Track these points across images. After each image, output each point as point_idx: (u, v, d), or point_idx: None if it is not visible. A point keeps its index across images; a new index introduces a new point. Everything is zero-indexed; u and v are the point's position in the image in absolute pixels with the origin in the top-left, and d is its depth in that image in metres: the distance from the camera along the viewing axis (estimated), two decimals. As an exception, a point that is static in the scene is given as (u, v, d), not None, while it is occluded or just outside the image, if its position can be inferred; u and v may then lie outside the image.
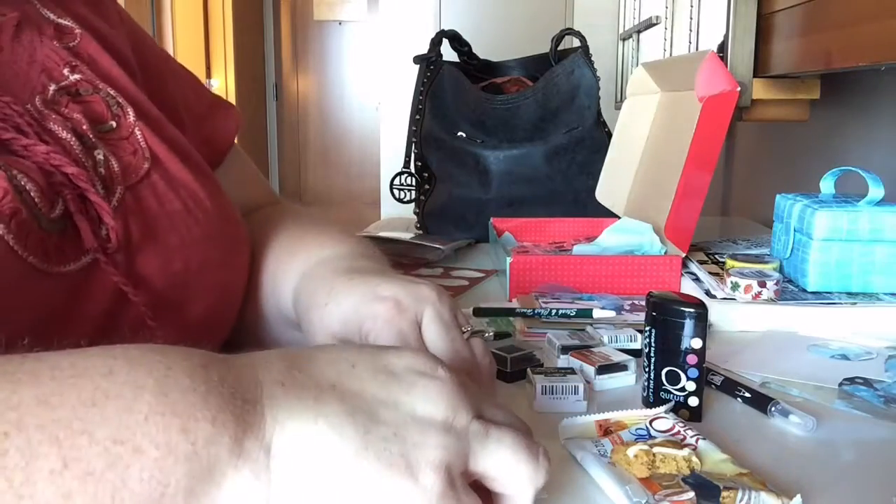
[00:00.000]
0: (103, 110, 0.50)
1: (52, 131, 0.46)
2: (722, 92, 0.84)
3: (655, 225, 0.93)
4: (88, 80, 0.51)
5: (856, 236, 0.77)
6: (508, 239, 1.08)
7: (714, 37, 1.28)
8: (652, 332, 0.53)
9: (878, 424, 0.53)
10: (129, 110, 0.51)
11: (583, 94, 1.21)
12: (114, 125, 0.50)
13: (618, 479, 0.42)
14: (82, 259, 0.44)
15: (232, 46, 4.55)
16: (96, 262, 0.44)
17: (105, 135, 0.49)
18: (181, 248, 0.49)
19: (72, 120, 0.48)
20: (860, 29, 0.86)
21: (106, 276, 0.44)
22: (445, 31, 1.30)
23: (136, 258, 0.46)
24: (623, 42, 2.51)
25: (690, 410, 0.53)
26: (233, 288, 0.56)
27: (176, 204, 0.50)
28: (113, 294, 0.44)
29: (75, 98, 0.49)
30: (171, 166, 0.51)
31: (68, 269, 0.43)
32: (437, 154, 1.25)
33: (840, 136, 1.19)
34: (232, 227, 0.56)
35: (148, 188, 0.49)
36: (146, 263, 0.47)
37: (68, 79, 0.50)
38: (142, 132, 0.51)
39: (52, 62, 0.50)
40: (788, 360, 0.65)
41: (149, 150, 0.51)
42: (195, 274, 0.50)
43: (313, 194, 5.30)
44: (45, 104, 0.47)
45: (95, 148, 0.48)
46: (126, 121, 0.51)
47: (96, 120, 0.49)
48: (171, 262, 0.48)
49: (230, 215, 0.56)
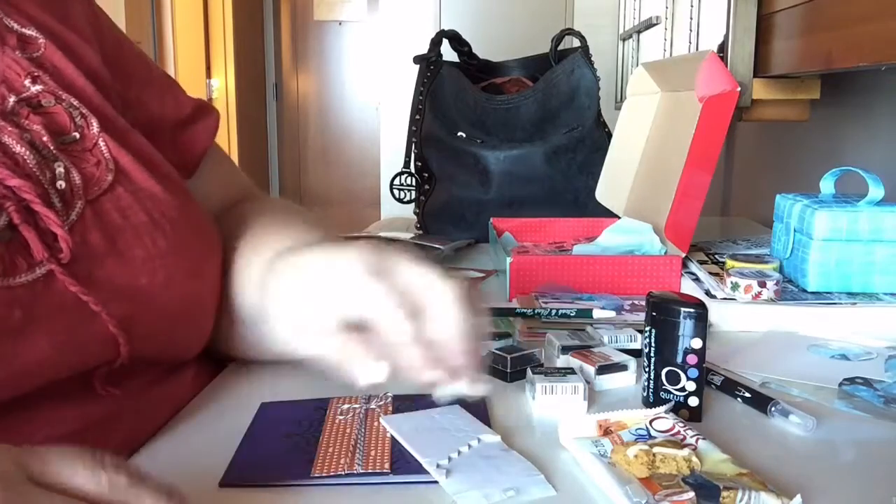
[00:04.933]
0: (66, 121, 0.50)
1: (4, 144, 0.46)
2: (722, 92, 0.84)
3: (655, 225, 0.93)
4: (51, 91, 0.50)
5: (856, 236, 0.77)
6: (508, 239, 1.08)
7: (714, 37, 1.28)
8: (652, 332, 0.53)
9: (878, 424, 0.53)
10: (93, 121, 0.51)
11: (583, 94, 1.21)
12: (77, 136, 0.50)
13: (618, 479, 0.42)
14: (36, 271, 0.43)
15: (232, 46, 4.55)
16: (51, 274, 0.43)
17: (67, 146, 0.49)
18: (147, 261, 0.48)
19: (30, 132, 0.47)
20: (860, 29, 0.86)
21: (64, 287, 0.44)
22: (445, 31, 1.30)
23: (98, 270, 0.46)
24: (623, 42, 2.51)
25: (690, 410, 0.53)
26: (203, 297, 0.55)
27: (141, 216, 0.49)
28: (73, 307, 0.44)
29: (36, 110, 0.49)
30: (137, 177, 0.51)
31: (19, 280, 0.42)
32: (437, 154, 1.25)
33: (840, 136, 1.19)
34: (201, 237, 0.55)
35: (111, 201, 0.49)
36: (109, 275, 0.46)
37: (29, 90, 0.49)
38: (106, 143, 0.50)
39: (12, 73, 0.49)
40: (788, 360, 0.65)
41: (113, 162, 0.50)
42: (162, 286, 0.49)
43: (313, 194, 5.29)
44: (2, 116, 0.47)
45: (56, 160, 0.47)
46: (89, 132, 0.50)
47: (58, 131, 0.49)
48: (136, 275, 0.48)
49: (200, 225, 0.55)
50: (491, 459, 0.46)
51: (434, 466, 0.45)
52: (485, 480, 0.44)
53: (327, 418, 0.52)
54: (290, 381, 0.59)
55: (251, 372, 0.62)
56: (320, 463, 0.46)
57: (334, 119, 5.34)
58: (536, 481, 0.44)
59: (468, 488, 0.43)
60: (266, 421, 0.53)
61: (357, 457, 0.46)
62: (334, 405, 0.54)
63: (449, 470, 0.45)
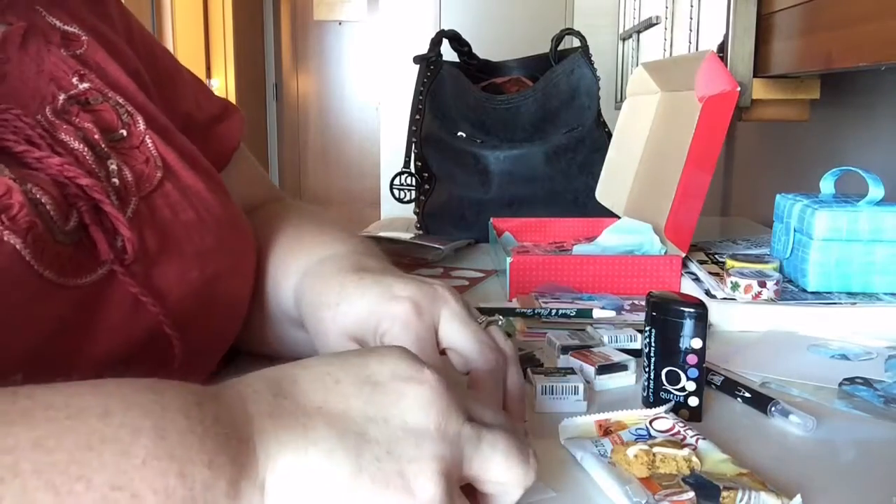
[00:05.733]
0: (113, 119, 0.49)
1: (64, 142, 0.45)
2: (722, 92, 0.84)
3: (655, 225, 0.93)
4: (97, 89, 0.50)
5: (856, 236, 0.77)
6: (508, 239, 1.08)
7: (714, 37, 1.28)
8: (652, 332, 0.53)
9: (878, 424, 0.53)
10: (139, 118, 0.51)
11: (583, 94, 1.21)
12: (124, 134, 0.50)
13: (618, 479, 0.42)
14: (98, 271, 0.43)
15: (232, 46, 4.55)
16: (112, 274, 0.43)
17: (116, 144, 0.49)
18: (196, 258, 0.49)
19: (83, 129, 0.47)
20: (860, 29, 0.86)
21: (122, 287, 0.44)
22: (445, 31, 1.30)
23: (153, 269, 0.46)
24: (623, 42, 2.51)
25: (690, 410, 0.53)
26: (241, 296, 0.56)
27: (189, 213, 0.50)
28: (130, 305, 0.44)
29: (85, 107, 0.48)
30: (183, 175, 0.51)
31: (84, 281, 0.42)
32: (437, 154, 1.25)
33: (840, 136, 1.19)
34: (241, 235, 0.56)
35: (161, 197, 0.49)
36: (163, 274, 0.47)
37: (77, 87, 0.49)
38: (152, 140, 0.50)
39: (60, 71, 0.49)
40: (788, 360, 0.65)
41: (160, 159, 0.50)
42: (209, 283, 0.49)
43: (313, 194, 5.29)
44: (55, 114, 0.46)
45: (108, 158, 0.47)
46: (136, 129, 0.50)
47: (107, 129, 0.49)
48: (187, 271, 0.48)
49: (239, 223, 0.56)
50: None
51: None
52: None
53: None
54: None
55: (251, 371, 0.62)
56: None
57: (334, 119, 5.34)
58: (534, 487, 0.44)
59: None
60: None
61: None
62: None
63: None
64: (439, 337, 0.48)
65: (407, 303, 0.48)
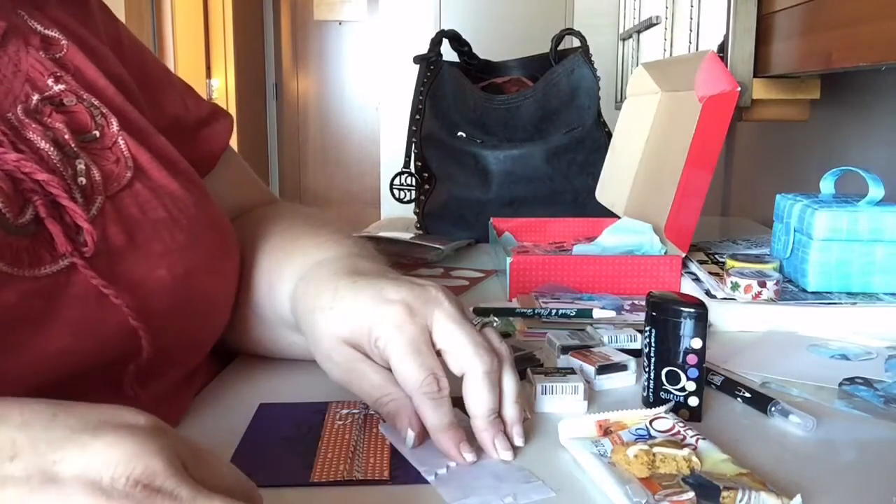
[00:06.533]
0: (86, 120, 0.51)
1: (30, 140, 0.47)
2: (722, 92, 0.84)
3: (655, 225, 0.93)
4: (72, 91, 0.51)
5: (856, 236, 0.77)
6: (508, 239, 1.08)
7: (714, 37, 1.28)
8: (652, 332, 0.53)
9: (878, 424, 0.53)
10: (113, 120, 0.52)
11: (583, 94, 1.21)
12: (97, 135, 0.51)
13: (618, 479, 0.42)
14: (59, 263, 0.44)
15: (232, 46, 4.55)
16: (74, 267, 0.45)
17: (87, 144, 0.50)
18: (166, 255, 0.49)
19: (53, 129, 0.48)
20: (860, 29, 0.86)
21: (86, 280, 0.45)
22: (445, 31, 1.30)
23: (119, 265, 0.47)
24: (623, 42, 2.51)
25: (690, 410, 0.53)
26: (220, 295, 0.56)
27: (160, 212, 0.51)
28: (94, 298, 0.45)
29: (59, 108, 0.50)
30: (156, 175, 0.52)
31: (42, 272, 0.43)
32: (437, 154, 1.25)
33: (840, 136, 1.19)
34: (219, 235, 0.56)
35: (130, 196, 0.50)
36: (129, 269, 0.47)
37: (52, 89, 0.50)
38: (125, 141, 0.52)
39: (36, 72, 0.50)
40: (788, 360, 0.65)
41: (132, 160, 0.51)
42: (180, 281, 0.50)
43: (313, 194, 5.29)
44: (26, 113, 0.48)
45: (77, 157, 0.48)
46: (109, 130, 0.52)
47: (79, 130, 0.50)
48: (155, 268, 0.49)
49: (218, 224, 0.56)
50: (489, 466, 0.46)
51: (433, 476, 0.45)
52: (483, 488, 0.44)
53: (326, 422, 0.52)
54: (288, 382, 0.59)
55: (250, 373, 0.62)
56: (319, 468, 0.46)
57: (334, 119, 5.34)
58: (535, 487, 0.44)
59: (466, 496, 0.43)
60: (264, 422, 0.53)
61: (356, 463, 0.46)
62: (333, 409, 0.54)
63: (447, 478, 0.45)
64: (434, 339, 0.48)
65: (399, 306, 0.48)
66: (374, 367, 0.49)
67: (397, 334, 0.47)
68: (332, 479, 0.45)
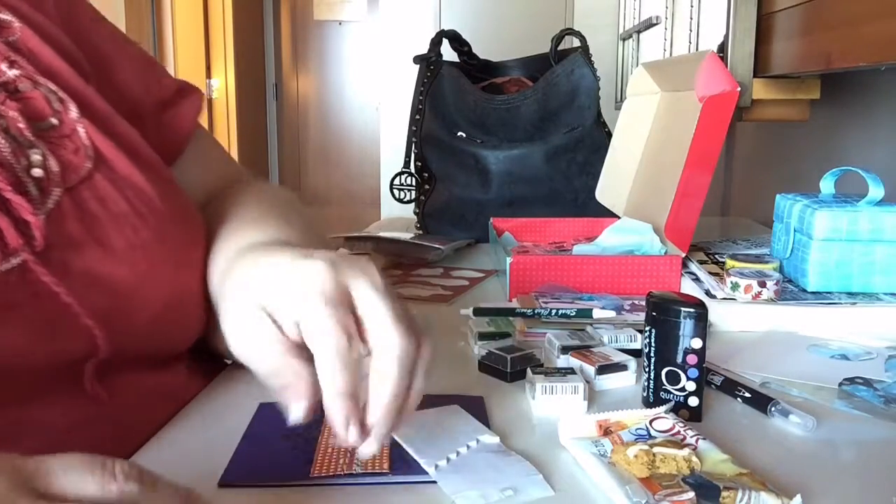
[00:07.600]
0: (43, 107, 0.49)
1: None
2: (722, 92, 0.84)
3: (655, 225, 0.93)
4: (28, 76, 0.49)
5: (856, 236, 0.77)
6: (508, 239, 1.08)
7: (714, 37, 1.28)
8: (652, 332, 0.53)
9: (878, 424, 0.53)
10: (72, 106, 0.50)
11: (583, 94, 1.21)
12: (55, 122, 0.49)
13: (618, 479, 0.42)
14: (11, 260, 0.42)
15: (232, 46, 4.55)
16: (27, 264, 0.43)
17: (45, 133, 0.48)
18: (128, 251, 0.47)
19: (6, 118, 0.46)
20: (860, 29, 0.86)
21: (37, 277, 0.43)
22: (445, 31, 1.30)
23: (75, 260, 0.45)
24: (623, 42, 2.51)
25: (690, 410, 0.53)
26: (190, 289, 0.53)
27: (122, 205, 0.48)
28: (47, 297, 0.43)
29: (13, 95, 0.48)
30: (118, 165, 0.50)
31: None
32: (437, 154, 1.25)
33: (840, 136, 1.19)
34: (185, 226, 0.54)
35: (89, 189, 0.48)
36: (88, 266, 0.45)
37: (6, 74, 0.48)
38: (85, 129, 0.49)
39: None
40: (788, 360, 0.65)
41: (92, 149, 0.49)
42: (145, 276, 0.48)
43: (313, 194, 5.29)
44: None
45: (32, 147, 0.46)
46: (68, 117, 0.49)
47: (35, 117, 0.48)
48: (116, 265, 0.47)
49: (184, 214, 0.54)
50: (489, 460, 0.46)
51: (433, 467, 0.45)
52: (483, 480, 0.44)
53: (325, 419, 0.52)
54: (289, 381, 0.59)
55: (250, 372, 0.62)
56: (319, 463, 0.46)
57: (334, 119, 5.34)
58: (534, 481, 0.44)
59: (466, 488, 0.43)
60: (265, 421, 0.53)
61: (356, 457, 0.46)
62: None
63: (447, 470, 0.45)
64: (354, 303, 0.42)
65: (322, 262, 0.43)
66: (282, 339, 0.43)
67: (314, 288, 0.41)
68: (332, 472, 0.45)
